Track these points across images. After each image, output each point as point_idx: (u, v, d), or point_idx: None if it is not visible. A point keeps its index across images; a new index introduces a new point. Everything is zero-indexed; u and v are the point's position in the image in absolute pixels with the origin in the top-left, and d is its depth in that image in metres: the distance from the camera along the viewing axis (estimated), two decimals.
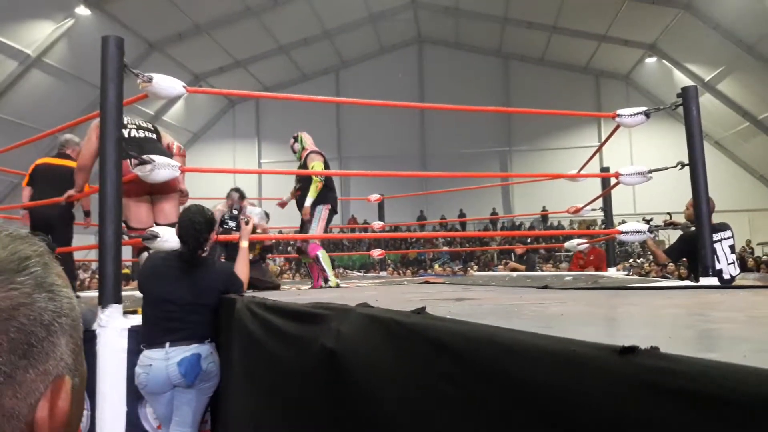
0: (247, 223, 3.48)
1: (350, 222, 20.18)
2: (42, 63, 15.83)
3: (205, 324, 2.86)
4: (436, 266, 17.34)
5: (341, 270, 13.62)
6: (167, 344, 2.76)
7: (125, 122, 3.75)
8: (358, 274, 11.16)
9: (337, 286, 4.65)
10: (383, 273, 10.38)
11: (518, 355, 0.68)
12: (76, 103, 16.63)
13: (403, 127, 23.11)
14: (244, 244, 3.40)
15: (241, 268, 3.22)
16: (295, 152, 5.20)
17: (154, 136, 3.92)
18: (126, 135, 3.71)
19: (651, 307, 1.50)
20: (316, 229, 4.77)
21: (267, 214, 5.88)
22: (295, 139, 5.20)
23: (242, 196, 5.45)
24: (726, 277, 4.56)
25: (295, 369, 1.46)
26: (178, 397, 2.80)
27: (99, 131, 3.05)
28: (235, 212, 3.46)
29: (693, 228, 4.35)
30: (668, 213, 5.14)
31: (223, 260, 4.44)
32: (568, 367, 0.61)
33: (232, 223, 3.45)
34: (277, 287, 4.84)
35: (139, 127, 3.84)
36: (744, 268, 11.35)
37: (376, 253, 8.10)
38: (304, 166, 4.97)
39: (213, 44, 19.40)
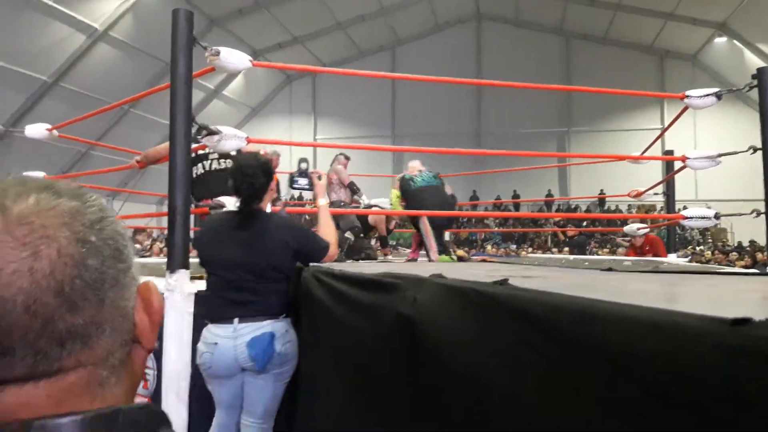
0: (319, 178, 3.05)
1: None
2: (108, 37, 16.30)
3: (280, 294, 2.43)
4: (489, 247, 17.23)
5: (394, 246, 13.66)
6: (236, 320, 2.34)
7: (206, 152, 3.90)
8: (409, 251, 11.16)
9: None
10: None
11: (616, 325, 0.67)
12: (140, 76, 17.09)
13: (458, 106, 22.87)
14: (323, 201, 2.90)
15: (326, 229, 2.73)
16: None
17: None
18: (208, 167, 3.95)
19: (732, 289, 1.46)
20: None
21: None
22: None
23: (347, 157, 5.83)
24: None
25: (367, 336, 1.49)
26: (248, 383, 2.40)
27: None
28: (304, 166, 3.23)
29: None
30: None
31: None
32: (673, 338, 0.60)
33: (302, 181, 3.15)
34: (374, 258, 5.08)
35: (221, 156, 3.98)
36: None
37: None
38: None
39: (272, 20, 19.57)
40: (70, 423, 0.46)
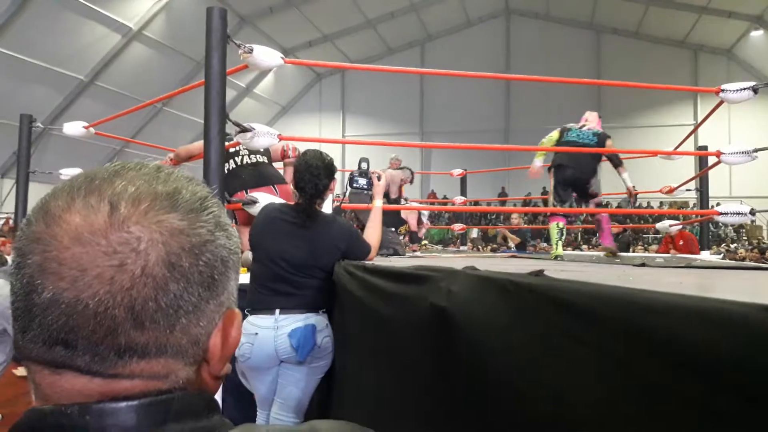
0: (379, 179, 3.02)
1: (430, 196, 20.17)
2: (142, 36, 16.59)
3: (321, 290, 2.47)
4: None
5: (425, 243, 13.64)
6: (277, 311, 2.39)
7: (237, 149, 3.97)
8: (438, 248, 11.18)
9: (556, 258, 4.59)
10: (463, 248, 10.31)
11: (659, 313, 0.68)
12: (173, 75, 17.38)
13: (487, 103, 22.73)
14: (378, 203, 2.89)
15: (373, 232, 2.75)
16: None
17: (265, 159, 4.12)
18: (240, 161, 4.00)
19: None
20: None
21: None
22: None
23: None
24: None
25: (400, 328, 1.50)
26: (284, 376, 2.42)
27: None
28: (365, 166, 3.20)
29: None
30: None
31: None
32: (717, 324, 0.61)
33: (362, 181, 3.12)
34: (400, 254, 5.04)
35: (251, 152, 4.04)
36: None
37: (458, 227, 8.08)
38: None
39: (302, 19, 19.70)
40: (126, 408, 0.47)
